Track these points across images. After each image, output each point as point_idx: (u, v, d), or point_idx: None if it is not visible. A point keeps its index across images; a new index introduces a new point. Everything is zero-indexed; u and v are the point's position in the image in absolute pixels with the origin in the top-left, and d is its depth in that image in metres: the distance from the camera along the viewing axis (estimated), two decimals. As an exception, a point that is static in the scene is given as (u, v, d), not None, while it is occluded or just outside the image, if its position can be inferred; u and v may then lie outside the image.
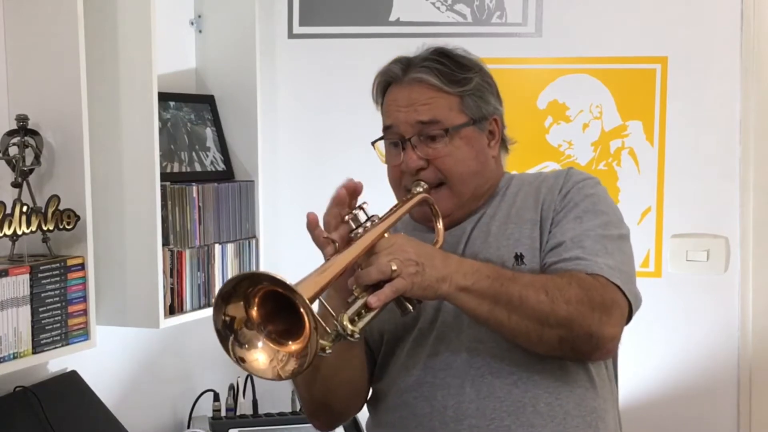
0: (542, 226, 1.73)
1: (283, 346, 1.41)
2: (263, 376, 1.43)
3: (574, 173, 1.80)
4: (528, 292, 1.57)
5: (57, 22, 2.13)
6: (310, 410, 1.83)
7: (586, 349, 1.63)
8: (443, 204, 1.76)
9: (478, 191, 1.80)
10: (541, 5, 3.00)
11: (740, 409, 2.94)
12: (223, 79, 2.85)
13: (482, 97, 1.79)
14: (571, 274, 1.62)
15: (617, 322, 1.63)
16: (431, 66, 1.76)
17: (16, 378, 2.15)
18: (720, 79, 2.93)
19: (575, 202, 1.73)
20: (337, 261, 1.51)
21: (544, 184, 1.79)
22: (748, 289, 2.92)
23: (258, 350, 1.42)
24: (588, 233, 1.68)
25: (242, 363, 1.43)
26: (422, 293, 1.55)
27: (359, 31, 3.08)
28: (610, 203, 1.77)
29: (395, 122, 1.77)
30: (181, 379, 2.86)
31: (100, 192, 2.26)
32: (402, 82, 1.78)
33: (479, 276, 1.58)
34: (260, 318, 1.42)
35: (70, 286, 2.13)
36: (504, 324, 1.58)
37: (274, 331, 1.42)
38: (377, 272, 1.51)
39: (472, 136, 1.78)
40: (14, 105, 2.16)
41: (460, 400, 1.68)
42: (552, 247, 1.70)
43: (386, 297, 1.49)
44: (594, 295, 1.59)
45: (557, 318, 1.57)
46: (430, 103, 1.75)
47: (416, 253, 1.55)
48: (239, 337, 1.42)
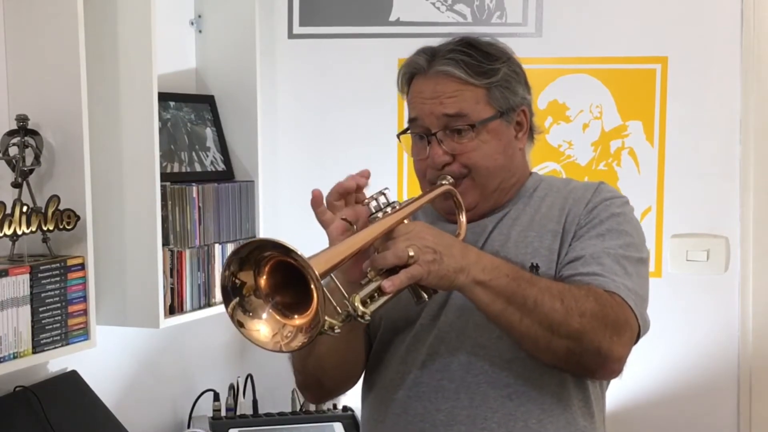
0: (563, 237, 1.71)
1: (289, 319, 1.39)
2: (263, 346, 1.40)
3: (604, 189, 1.76)
4: (543, 298, 1.54)
5: (57, 22, 2.13)
6: (302, 383, 1.81)
7: (592, 365, 1.60)
8: (468, 197, 1.73)
9: (504, 184, 1.77)
10: (541, 5, 3.00)
11: (740, 409, 2.94)
12: (223, 79, 2.84)
13: (509, 87, 1.74)
14: (589, 288, 1.59)
15: (627, 342, 1.61)
16: (457, 58, 1.71)
17: (16, 378, 2.15)
18: (720, 79, 2.93)
19: (600, 219, 1.70)
20: (353, 240, 1.48)
21: (572, 195, 1.76)
22: (748, 289, 2.92)
23: (261, 321, 1.40)
24: (608, 251, 1.65)
25: (240, 327, 1.40)
26: (438, 282, 1.52)
27: (359, 31, 3.08)
28: (635, 224, 1.74)
29: (420, 114, 1.73)
30: (181, 379, 2.86)
31: (100, 192, 2.26)
32: (427, 73, 1.73)
33: (498, 273, 1.55)
34: (269, 288, 1.40)
35: (70, 286, 2.12)
36: (514, 326, 1.56)
37: (281, 303, 1.40)
38: (394, 257, 1.47)
39: (499, 130, 1.73)
40: (14, 105, 2.16)
41: (453, 405, 1.67)
42: (570, 260, 1.67)
43: (401, 283, 1.46)
44: (609, 312, 1.57)
45: (568, 329, 1.54)
46: (456, 96, 1.70)
47: (435, 242, 1.52)
48: (244, 303, 1.40)
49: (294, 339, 1.39)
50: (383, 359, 1.77)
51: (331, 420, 2.78)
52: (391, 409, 1.72)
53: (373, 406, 1.78)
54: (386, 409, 1.73)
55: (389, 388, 1.74)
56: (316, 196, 1.57)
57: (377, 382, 1.77)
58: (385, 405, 1.74)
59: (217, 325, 2.71)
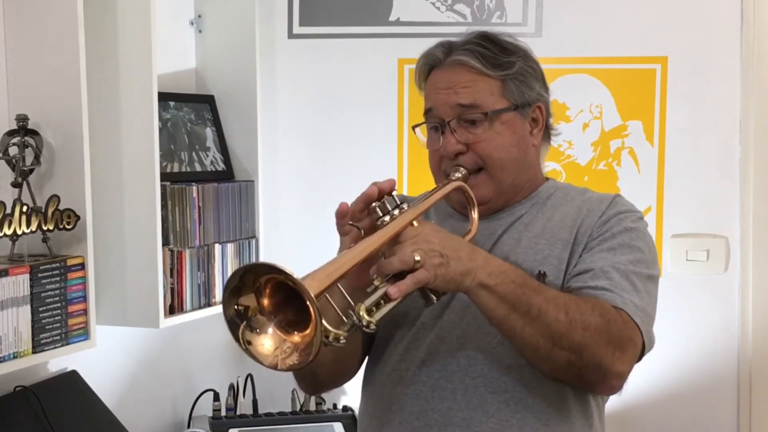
0: (574, 248, 1.69)
1: (290, 335, 1.40)
2: (262, 362, 1.41)
3: (620, 202, 1.75)
4: (548, 307, 1.53)
5: (57, 22, 2.13)
6: (297, 373, 1.79)
7: (591, 379, 1.59)
8: (481, 190, 1.72)
9: (519, 180, 1.75)
10: (541, 5, 3.00)
11: (740, 409, 2.94)
12: (223, 79, 2.85)
13: (525, 82, 1.73)
14: (595, 301, 1.58)
15: (629, 360, 1.59)
16: (473, 49, 1.71)
17: (16, 378, 2.16)
18: (720, 79, 2.93)
19: (613, 232, 1.69)
20: (354, 253, 1.47)
21: (586, 205, 1.74)
22: (748, 289, 2.92)
23: (267, 336, 1.40)
24: (618, 266, 1.64)
25: (248, 345, 1.40)
26: (445, 285, 1.51)
27: (359, 31, 3.08)
28: (647, 241, 1.72)
29: (435, 105, 1.73)
30: (181, 378, 2.86)
31: (100, 192, 2.27)
32: (443, 65, 1.74)
33: (504, 278, 1.54)
34: (272, 306, 1.40)
35: (70, 286, 2.13)
36: (516, 332, 1.55)
37: (284, 320, 1.40)
38: (399, 262, 1.47)
39: (514, 122, 1.72)
40: (14, 105, 2.17)
41: (449, 406, 1.66)
42: (579, 272, 1.66)
43: (407, 288, 1.46)
44: (613, 328, 1.56)
45: (570, 341, 1.53)
46: (470, 86, 1.70)
47: (442, 245, 1.51)
48: (252, 323, 1.40)
49: (289, 357, 1.39)
50: (383, 355, 1.76)
51: (331, 420, 2.78)
52: (387, 405, 1.72)
53: (370, 401, 1.78)
54: (383, 404, 1.73)
55: (387, 384, 1.73)
56: (343, 210, 1.56)
57: (376, 377, 1.77)
58: (382, 401, 1.74)
59: (217, 325, 2.68)
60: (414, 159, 3.02)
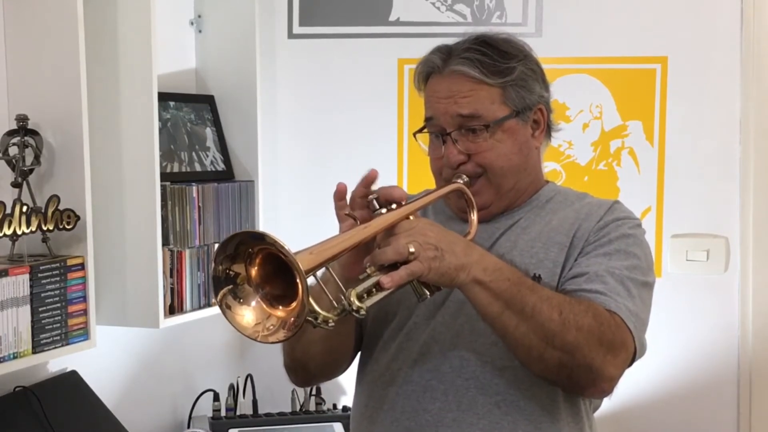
0: (569, 251, 1.69)
1: (275, 309, 1.40)
2: (242, 332, 1.41)
3: (618, 209, 1.75)
4: (542, 306, 1.53)
5: (57, 22, 2.13)
6: (288, 364, 1.80)
7: (582, 381, 1.58)
8: (482, 196, 1.72)
9: (520, 184, 1.75)
10: (541, 5, 3.00)
11: (740, 409, 2.94)
12: (223, 79, 2.85)
13: (525, 86, 1.73)
14: (589, 303, 1.57)
15: (620, 364, 1.59)
16: (472, 57, 1.70)
17: (16, 378, 2.15)
18: (720, 79, 2.93)
19: (609, 238, 1.68)
20: (348, 236, 1.48)
21: (584, 210, 1.74)
22: (748, 289, 2.92)
23: (249, 308, 1.41)
24: (613, 271, 1.63)
25: (226, 310, 1.41)
26: (438, 279, 1.51)
27: (359, 31, 3.08)
28: (644, 248, 1.72)
29: (435, 114, 1.72)
30: (181, 378, 2.86)
31: (100, 192, 2.26)
32: (443, 72, 1.72)
33: (499, 275, 1.54)
34: (259, 278, 1.41)
35: (70, 286, 2.13)
36: (509, 331, 1.54)
37: (270, 294, 1.41)
38: (394, 253, 1.47)
39: (515, 129, 1.72)
40: (14, 105, 2.16)
41: (441, 406, 1.66)
42: (574, 275, 1.66)
43: (400, 279, 1.46)
44: (606, 330, 1.55)
45: (563, 341, 1.53)
46: (470, 95, 1.69)
47: (437, 238, 1.51)
48: (237, 291, 1.41)
49: (275, 333, 1.39)
50: (375, 353, 1.76)
51: (331, 420, 2.79)
52: (379, 404, 1.72)
53: (362, 399, 1.78)
54: (375, 403, 1.73)
55: (378, 383, 1.73)
56: (341, 190, 1.57)
57: (368, 375, 1.77)
58: (374, 399, 1.74)
59: (217, 325, 2.71)
60: (414, 159, 3.02)
